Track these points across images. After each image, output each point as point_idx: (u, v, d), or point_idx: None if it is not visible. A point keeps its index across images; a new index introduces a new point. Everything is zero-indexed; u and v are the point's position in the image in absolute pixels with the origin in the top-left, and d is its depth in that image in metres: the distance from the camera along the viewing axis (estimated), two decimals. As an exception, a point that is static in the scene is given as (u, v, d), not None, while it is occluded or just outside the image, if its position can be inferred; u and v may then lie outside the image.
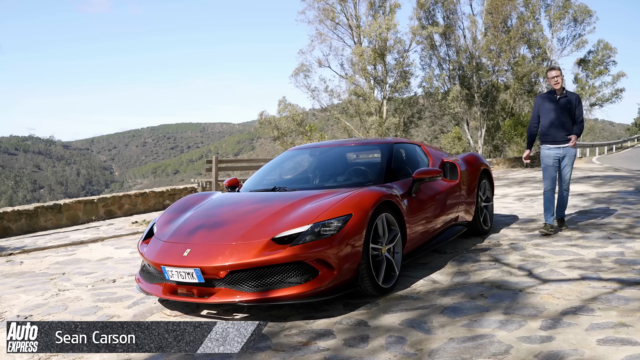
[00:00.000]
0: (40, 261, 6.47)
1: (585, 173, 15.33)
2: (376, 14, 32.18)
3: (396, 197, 4.38)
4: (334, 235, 3.68)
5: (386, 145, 5.30)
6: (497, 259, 5.03)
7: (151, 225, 4.49)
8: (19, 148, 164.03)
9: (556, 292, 3.86)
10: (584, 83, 38.50)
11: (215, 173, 10.94)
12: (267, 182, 5.27)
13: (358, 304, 3.91)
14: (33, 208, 9.56)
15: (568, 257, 4.90)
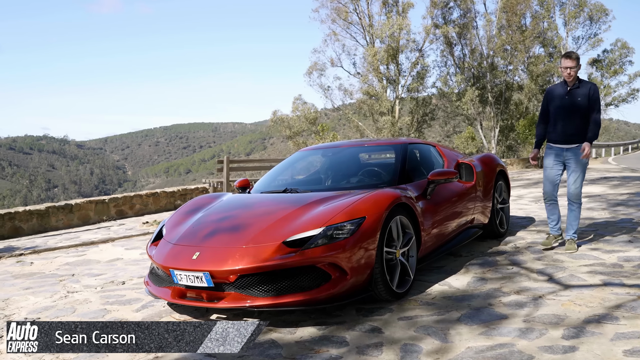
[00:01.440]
0: (50, 262, 6.43)
1: (601, 174, 15.07)
2: (389, 13, 31.98)
3: (411, 199, 4.26)
4: (347, 238, 3.57)
5: (400, 146, 5.18)
6: (514, 262, 4.89)
7: (160, 227, 4.40)
8: (33, 147, 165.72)
9: (578, 299, 3.72)
10: (599, 82, 37.97)
11: (226, 173, 10.88)
12: (278, 183, 5.17)
13: (371, 310, 3.79)
14: (44, 208, 9.55)
15: (588, 261, 4.74)
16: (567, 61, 4.97)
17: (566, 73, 4.97)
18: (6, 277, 5.69)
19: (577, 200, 5.11)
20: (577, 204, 5.13)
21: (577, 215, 5.14)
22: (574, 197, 5.10)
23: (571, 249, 5.06)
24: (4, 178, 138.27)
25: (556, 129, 5.10)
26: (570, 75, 4.95)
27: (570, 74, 4.95)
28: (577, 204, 5.13)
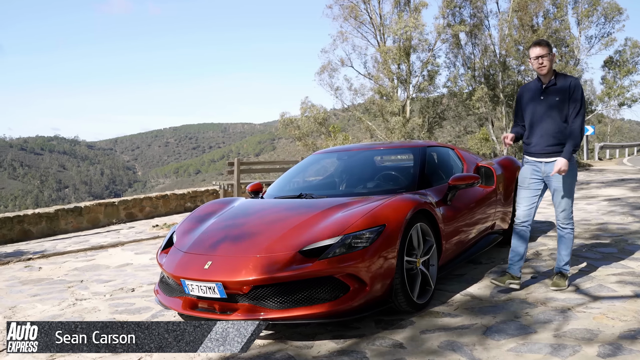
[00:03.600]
0: (59, 267, 6.31)
1: (618, 176, 14.78)
2: (401, 12, 31.74)
3: (431, 205, 4.08)
4: (367, 247, 3.40)
5: (419, 149, 4.99)
6: (538, 270, 4.70)
7: (171, 234, 4.25)
8: (44, 148, 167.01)
9: (610, 312, 3.52)
10: (612, 82, 37.49)
11: (237, 175, 10.73)
12: (292, 187, 5.00)
13: (391, 322, 3.61)
14: (54, 211, 9.46)
15: (616, 270, 4.53)
16: (536, 49, 3.96)
17: (537, 64, 3.96)
18: (14, 283, 5.58)
19: (566, 225, 4.16)
20: (567, 229, 4.17)
21: (568, 243, 4.17)
22: (563, 221, 4.15)
23: (560, 285, 4.08)
24: (15, 178, 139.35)
25: (532, 138, 4.10)
26: (543, 66, 3.94)
27: (543, 65, 3.94)
28: (568, 229, 4.17)
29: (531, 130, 4.11)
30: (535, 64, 3.98)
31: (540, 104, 4.03)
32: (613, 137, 52.44)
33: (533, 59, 3.99)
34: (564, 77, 3.99)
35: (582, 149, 27.84)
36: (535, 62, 3.97)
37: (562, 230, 4.18)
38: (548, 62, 3.94)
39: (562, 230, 4.18)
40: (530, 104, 4.10)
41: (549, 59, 3.93)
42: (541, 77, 4.05)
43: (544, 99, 4.01)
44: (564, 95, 3.94)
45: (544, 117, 4.02)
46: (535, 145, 4.08)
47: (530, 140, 4.13)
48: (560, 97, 3.95)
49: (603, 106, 38.07)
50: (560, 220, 4.17)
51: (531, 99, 4.10)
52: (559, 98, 3.95)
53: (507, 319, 3.53)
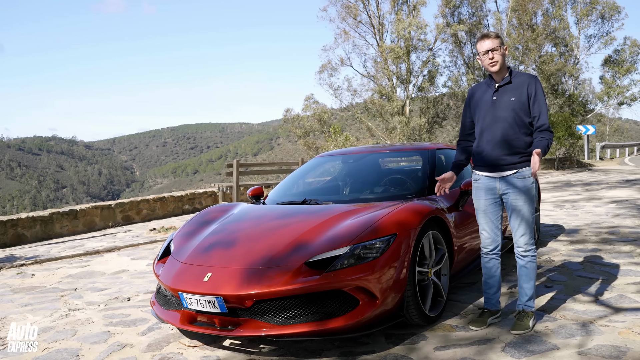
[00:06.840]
0: (52, 273, 6.08)
1: (623, 176, 14.58)
2: (399, 11, 31.54)
3: (443, 212, 3.87)
4: (377, 258, 3.18)
5: (427, 152, 4.77)
6: (552, 278, 4.49)
7: (168, 242, 4.02)
8: (42, 148, 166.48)
9: (635, 326, 3.31)
10: (611, 82, 37.33)
11: (236, 178, 10.51)
12: (295, 192, 4.78)
13: (402, 336, 3.40)
14: (48, 214, 9.22)
15: (636, 278, 4.33)
16: (484, 42, 3.36)
17: (487, 60, 3.35)
18: (5, 292, 5.35)
19: (527, 252, 3.44)
20: (527, 257, 3.44)
21: (530, 275, 3.45)
22: (524, 247, 3.43)
23: (523, 326, 3.34)
24: (13, 179, 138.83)
25: (482, 149, 3.44)
26: (494, 62, 3.33)
27: (494, 60, 3.33)
28: (529, 257, 3.44)
29: (481, 139, 3.46)
30: (486, 60, 3.36)
31: (493, 107, 3.39)
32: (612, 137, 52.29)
33: (482, 54, 3.37)
34: (519, 74, 3.40)
35: (583, 149, 27.69)
36: (485, 57, 3.36)
37: (522, 259, 3.45)
38: (500, 56, 3.33)
39: (522, 259, 3.46)
40: (480, 107, 3.47)
41: (500, 52, 3.33)
42: (493, 75, 3.43)
43: (497, 100, 3.38)
44: (521, 96, 3.33)
45: (498, 121, 3.36)
46: (487, 157, 3.41)
47: (480, 149, 3.46)
48: (517, 98, 3.33)
49: (602, 105, 37.91)
50: (520, 247, 3.44)
51: (482, 103, 3.46)
52: (515, 98, 3.33)
53: (527, 334, 3.31)
